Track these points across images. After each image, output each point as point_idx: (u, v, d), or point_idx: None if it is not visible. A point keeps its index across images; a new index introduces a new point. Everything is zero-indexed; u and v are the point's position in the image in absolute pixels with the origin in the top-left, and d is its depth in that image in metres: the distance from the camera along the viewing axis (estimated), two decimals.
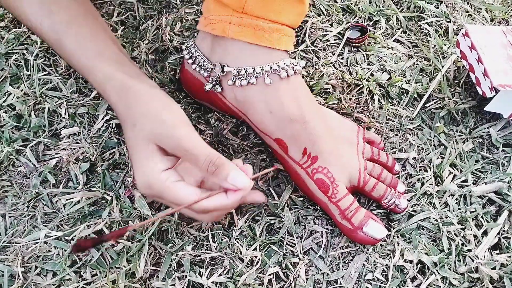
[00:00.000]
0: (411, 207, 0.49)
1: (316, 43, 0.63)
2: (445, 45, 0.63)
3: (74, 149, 0.52)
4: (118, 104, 0.42)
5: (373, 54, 0.62)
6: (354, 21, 0.65)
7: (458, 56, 0.60)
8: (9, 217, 0.48)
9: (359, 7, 0.67)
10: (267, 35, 0.44)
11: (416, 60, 0.62)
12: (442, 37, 0.65)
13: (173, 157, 0.41)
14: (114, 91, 0.42)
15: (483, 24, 0.67)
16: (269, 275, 0.45)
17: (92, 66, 0.43)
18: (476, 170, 0.53)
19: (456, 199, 0.50)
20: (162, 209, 0.48)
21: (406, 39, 0.64)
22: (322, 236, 0.47)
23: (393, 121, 0.56)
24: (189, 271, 0.45)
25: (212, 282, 0.44)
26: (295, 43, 0.61)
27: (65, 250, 0.45)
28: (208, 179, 0.42)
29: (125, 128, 0.42)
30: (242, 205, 0.48)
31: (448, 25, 0.66)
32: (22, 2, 0.45)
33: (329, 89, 0.58)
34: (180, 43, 0.61)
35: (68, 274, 0.44)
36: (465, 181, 0.52)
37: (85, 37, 0.44)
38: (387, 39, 0.64)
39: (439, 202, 0.50)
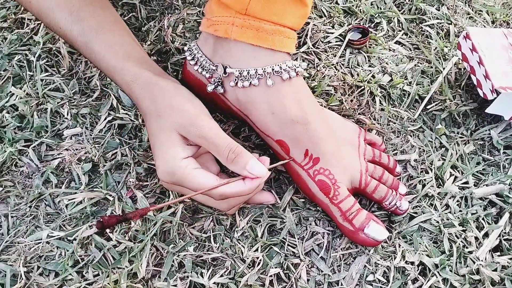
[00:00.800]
0: (412, 208, 0.50)
1: (318, 45, 0.63)
2: (446, 47, 0.63)
3: (77, 149, 0.52)
4: (144, 99, 0.45)
5: (374, 56, 0.62)
6: (356, 23, 0.66)
7: (459, 58, 0.60)
8: (12, 217, 0.48)
9: (360, 9, 0.67)
10: (270, 37, 0.44)
11: (418, 62, 0.62)
12: (443, 39, 0.65)
13: (193, 146, 0.44)
14: (140, 88, 0.45)
15: (484, 27, 0.68)
16: (271, 276, 0.45)
17: (121, 67, 0.46)
18: (477, 172, 0.53)
19: (457, 201, 0.50)
20: (163, 210, 0.48)
21: (407, 41, 0.65)
22: (323, 238, 0.48)
23: (395, 123, 0.56)
24: (191, 272, 0.45)
25: (214, 283, 0.44)
26: (297, 45, 0.62)
27: (67, 250, 0.45)
28: (228, 167, 0.43)
29: (149, 121, 0.45)
30: (249, 204, 0.49)
31: (449, 27, 0.66)
32: (54, 11, 0.48)
33: (331, 90, 0.58)
34: (182, 44, 0.61)
35: (70, 274, 0.44)
36: (466, 183, 0.52)
37: (112, 41, 0.48)
38: (389, 41, 0.64)
39: (440, 204, 0.50)
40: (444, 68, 0.61)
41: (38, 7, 0.49)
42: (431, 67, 0.62)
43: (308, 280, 0.45)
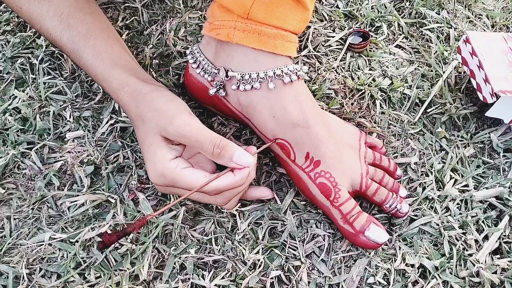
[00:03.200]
0: (413, 211, 0.50)
1: (319, 49, 0.63)
2: (446, 51, 0.64)
3: (79, 152, 0.52)
4: (130, 106, 0.46)
5: (375, 60, 0.63)
6: (356, 27, 0.66)
7: (459, 62, 0.60)
8: (14, 219, 0.48)
9: (361, 13, 0.67)
10: (271, 41, 0.44)
11: (418, 66, 0.63)
12: (443, 43, 0.65)
13: (179, 146, 0.44)
14: (126, 95, 0.46)
15: (484, 31, 0.68)
16: (272, 278, 0.45)
17: (108, 75, 0.47)
18: (477, 175, 0.53)
19: (457, 203, 0.51)
20: (165, 212, 0.48)
21: (407, 45, 0.65)
22: (324, 240, 0.48)
23: (395, 126, 0.57)
24: (192, 274, 0.45)
25: (215, 285, 0.44)
26: (298, 49, 0.62)
27: (70, 252, 0.46)
28: (215, 161, 0.43)
29: (136, 127, 0.46)
30: (249, 201, 0.49)
31: (449, 31, 0.66)
32: (44, 17, 0.48)
33: (331, 94, 0.58)
34: (184, 48, 0.61)
35: (72, 276, 0.44)
36: (466, 186, 0.52)
37: (100, 48, 0.48)
38: (389, 44, 0.65)
39: (441, 207, 0.50)
40: (444, 72, 0.61)
41: (29, 14, 0.49)
42: (431, 71, 0.62)
43: (309, 282, 0.45)
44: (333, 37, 0.64)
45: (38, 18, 0.49)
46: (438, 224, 0.49)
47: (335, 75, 0.60)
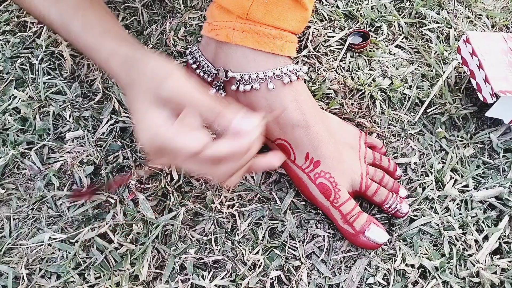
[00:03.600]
0: (413, 211, 0.50)
1: (319, 49, 0.63)
2: (446, 51, 0.64)
3: (79, 152, 0.52)
4: (120, 73, 0.42)
5: (374, 60, 0.63)
6: (356, 27, 0.66)
7: (459, 62, 0.60)
8: (14, 219, 0.48)
9: (361, 13, 0.67)
10: (271, 41, 0.44)
11: (418, 66, 0.63)
12: (443, 43, 0.65)
13: (172, 107, 0.39)
14: (117, 62, 0.42)
15: (484, 31, 0.68)
16: (271, 278, 0.45)
17: (98, 43, 0.44)
18: (477, 175, 0.53)
19: (457, 204, 0.51)
20: (165, 212, 0.48)
21: (407, 45, 0.65)
22: (324, 240, 0.48)
23: (395, 126, 0.57)
24: (192, 274, 0.45)
25: (215, 285, 0.44)
26: (297, 49, 0.62)
27: (69, 253, 0.46)
28: (211, 129, 0.39)
29: (126, 93, 0.42)
30: (248, 201, 0.49)
31: (449, 31, 0.66)
32: None
33: (331, 94, 0.58)
34: (184, 48, 0.61)
35: (72, 276, 0.44)
36: (466, 186, 0.52)
37: (89, 19, 0.45)
38: (389, 45, 0.65)
39: (440, 207, 0.50)
40: (444, 72, 0.61)
41: None
42: (431, 71, 0.62)
43: (308, 282, 0.45)
44: (333, 37, 0.64)
45: None
46: (438, 224, 0.49)
47: (335, 75, 0.60)
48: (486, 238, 0.48)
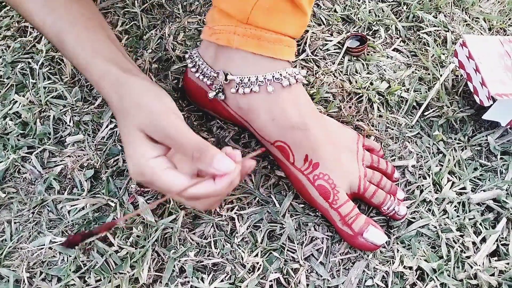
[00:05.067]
0: (410, 214, 0.50)
1: (317, 53, 0.64)
2: (443, 54, 0.64)
3: (79, 156, 0.53)
4: (112, 97, 0.43)
5: (372, 63, 0.63)
6: (354, 31, 0.66)
7: (456, 66, 0.61)
8: (15, 223, 0.48)
9: (358, 17, 0.68)
10: (270, 45, 0.45)
11: (415, 69, 0.63)
12: (440, 47, 0.66)
13: (164, 145, 0.41)
14: (108, 85, 0.43)
15: (481, 34, 0.68)
16: (270, 281, 0.45)
17: (90, 64, 0.44)
18: (474, 177, 0.53)
19: (455, 206, 0.51)
20: (165, 216, 0.49)
21: (405, 49, 0.66)
22: (322, 243, 0.48)
23: (393, 129, 0.57)
24: (192, 277, 0.45)
25: None
26: (296, 53, 0.62)
27: (70, 256, 0.46)
28: (195, 166, 0.40)
29: (118, 119, 0.43)
30: (247, 204, 0.49)
31: (446, 34, 0.67)
32: (27, 1, 0.46)
33: (329, 97, 0.59)
34: (183, 52, 0.62)
35: (72, 279, 0.44)
36: (464, 188, 0.52)
37: (83, 36, 0.45)
38: (386, 48, 0.65)
39: (438, 209, 0.51)
40: (441, 75, 0.62)
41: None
42: (429, 74, 0.62)
43: (307, 285, 0.45)
44: (331, 41, 0.65)
45: (22, 2, 0.46)
46: (435, 227, 0.49)
47: (333, 79, 0.61)
48: (483, 240, 0.49)
